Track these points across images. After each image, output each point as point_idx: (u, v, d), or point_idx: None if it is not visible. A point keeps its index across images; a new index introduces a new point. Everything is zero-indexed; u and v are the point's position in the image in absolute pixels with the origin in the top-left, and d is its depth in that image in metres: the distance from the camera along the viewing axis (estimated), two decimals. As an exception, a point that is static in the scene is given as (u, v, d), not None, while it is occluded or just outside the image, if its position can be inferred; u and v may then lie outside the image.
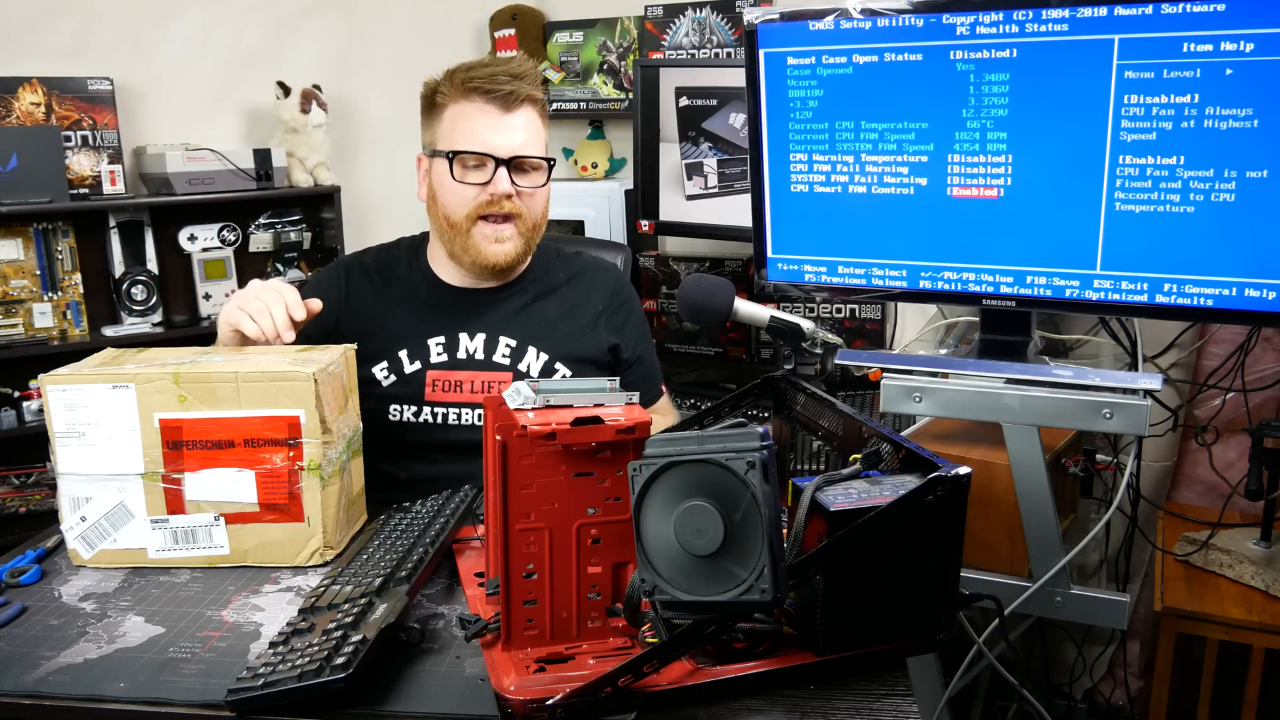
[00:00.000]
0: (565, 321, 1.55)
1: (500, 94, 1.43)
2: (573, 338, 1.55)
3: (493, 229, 1.46)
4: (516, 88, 1.44)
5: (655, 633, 0.92)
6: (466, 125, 1.44)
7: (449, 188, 1.46)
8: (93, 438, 1.13)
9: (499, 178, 1.43)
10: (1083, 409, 1.28)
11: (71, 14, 2.59)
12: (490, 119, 1.44)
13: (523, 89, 1.44)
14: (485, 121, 1.44)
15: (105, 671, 0.93)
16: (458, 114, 1.45)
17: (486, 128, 1.43)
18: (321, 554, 1.16)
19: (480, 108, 1.44)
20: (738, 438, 0.81)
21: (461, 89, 1.45)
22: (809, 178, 1.49)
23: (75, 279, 2.62)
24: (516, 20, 2.88)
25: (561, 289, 1.59)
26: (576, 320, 1.56)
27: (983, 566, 1.49)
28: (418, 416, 1.48)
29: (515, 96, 1.44)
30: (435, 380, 1.49)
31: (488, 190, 1.44)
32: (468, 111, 1.44)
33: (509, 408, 0.93)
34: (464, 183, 1.44)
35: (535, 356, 1.52)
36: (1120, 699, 2.24)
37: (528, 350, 1.52)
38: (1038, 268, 1.36)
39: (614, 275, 1.66)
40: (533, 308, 1.55)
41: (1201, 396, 1.99)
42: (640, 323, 1.65)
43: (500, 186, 1.43)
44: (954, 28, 1.32)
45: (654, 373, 1.66)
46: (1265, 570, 1.68)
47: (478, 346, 1.51)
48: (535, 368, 1.51)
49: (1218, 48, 1.19)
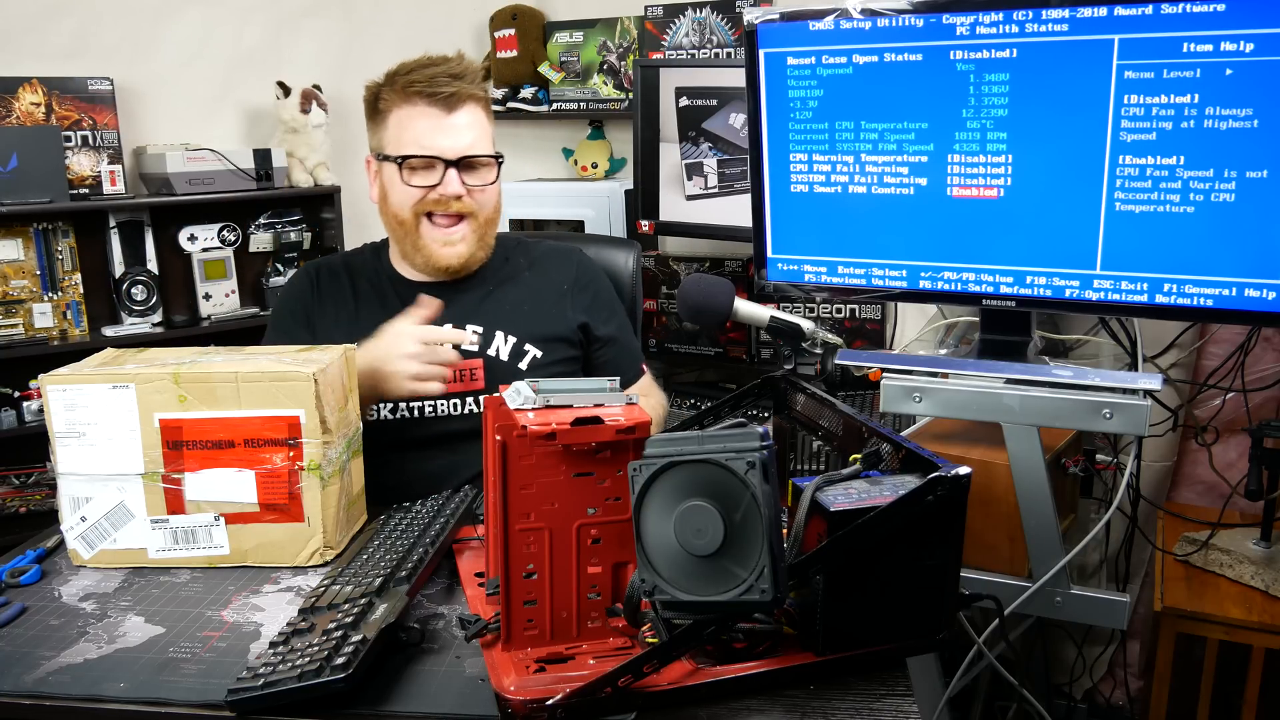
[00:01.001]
0: (530, 303, 1.57)
1: (442, 95, 1.44)
2: (539, 318, 1.55)
3: (443, 233, 1.49)
4: (458, 88, 1.45)
5: (655, 633, 0.92)
6: (412, 129, 1.46)
7: (399, 190, 1.48)
8: (93, 438, 1.13)
9: (449, 179, 1.45)
10: (1083, 409, 1.28)
11: (71, 14, 2.59)
12: (435, 121, 1.45)
13: (464, 89, 1.46)
14: (430, 124, 1.45)
15: (105, 671, 0.93)
16: (402, 118, 1.46)
17: (432, 130, 1.45)
18: (321, 554, 1.16)
19: (423, 111, 1.45)
20: (738, 438, 0.81)
21: (403, 93, 1.46)
22: (809, 178, 1.49)
23: (75, 279, 2.62)
24: (516, 20, 2.88)
25: (524, 274, 1.61)
26: (541, 301, 1.58)
27: (983, 566, 1.49)
28: (395, 413, 1.48)
29: (457, 97, 1.45)
30: None
31: (437, 191, 1.46)
32: (411, 115, 1.46)
33: (509, 408, 0.93)
34: (412, 185, 1.46)
35: (504, 340, 1.53)
36: (1120, 699, 2.24)
37: (495, 335, 1.52)
38: (1038, 268, 1.36)
39: (575, 257, 1.66)
40: (495, 294, 1.57)
41: (1201, 396, 1.99)
42: (610, 301, 1.65)
43: (450, 188, 1.46)
44: (954, 28, 1.32)
45: (632, 351, 1.67)
46: (1265, 570, 1.68)
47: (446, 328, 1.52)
48: (504, 351, 1.52)
49: (1218, 48, 1.19)
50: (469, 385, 1.49)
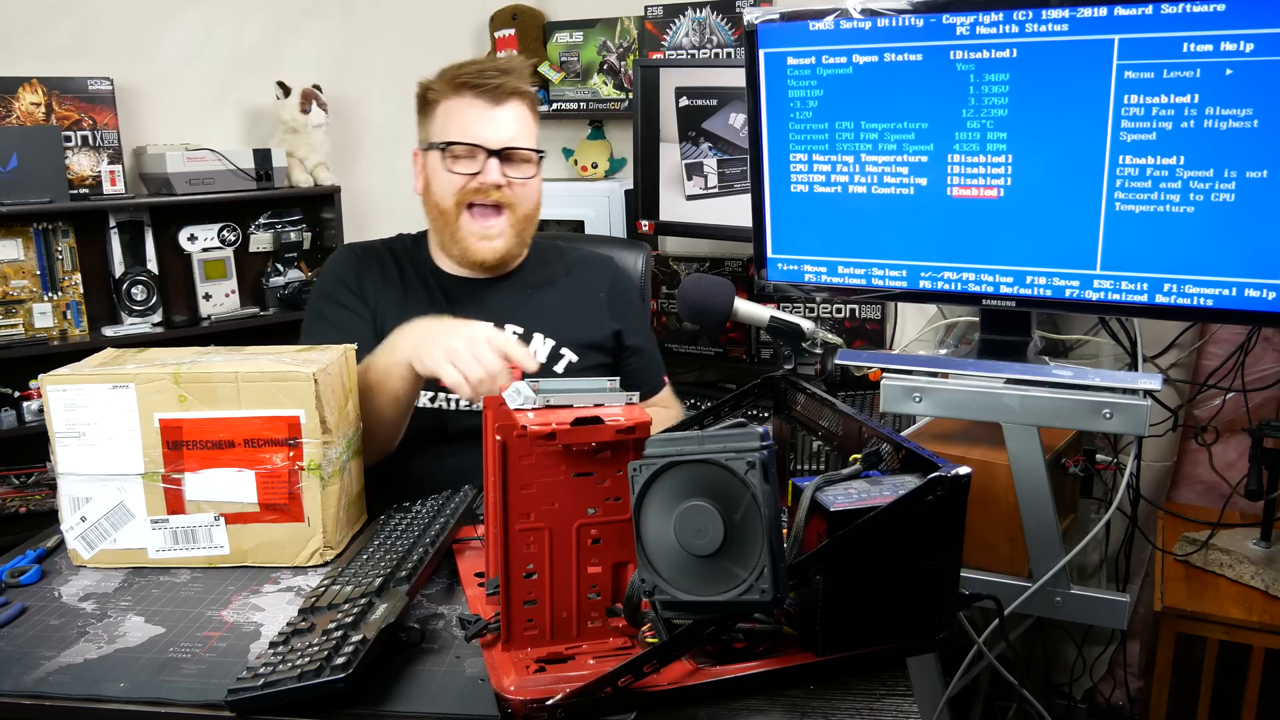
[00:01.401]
0: (568, 309, 1.58)
1: (489, 88, 1.48)
2: (576, 324, 1.58)
3: (481, 225, 1.50)
4: (504, 81, 1.48)
5: (655, 633, 0.92)
6: (458, 119, 1.49)
7: (440, 177, 1.50)
8: (93, 438, 1.13)
9: (489, 167, 1.48)
10: (1083, 409, 1.28)
11: (71, 14, 2.59)
12: (480, 112, 1.48)
13: (510, 82, 1.49)
14: (475, 115, 1.48)
15: (105, 671, 0.93)
16: (449, 109, 1.50)
17: (476, 120, 1.48)
18: (321, 554, 1.16)
19: (470, 102, 1.49)
20: (738, 438, 0.81)
21: (452, 85, 1.50)
22: (809, 178, 1.49)
23: (75, 279, 2.62)
24: (516, 20, 2.88)
25: (561, 279, 1.63)
26: (579, 308, 1.60)
27: (983, 566, 1.49)
28: (433, 401, 1.50)
29: (503, 90, 1.48)
30: None
31: (478, 179, 1.48)
32: (459, 106, 1.49)
33: (509, 408, 0.93)
34: (454, 172, 1.49)
35: (541, 342, 1.54)
36: (1120, 699, 2.24)
37: (534, 337, 1.54)
38: (1038, 268, 1.36)
39: (612, 266, 1.69)
40: (534, 296, 1.59)
41: (1201, 396, 1.99)
42: (641, 312, 1.68)
43: (490, 176, 1.48)
44: (954, 28, 1.32)
45: (656, 363, 1.69)
46: (1265, 570, 1.68)
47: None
48: (542, 353, 1.53)
49: (1218, 48, 1.19)
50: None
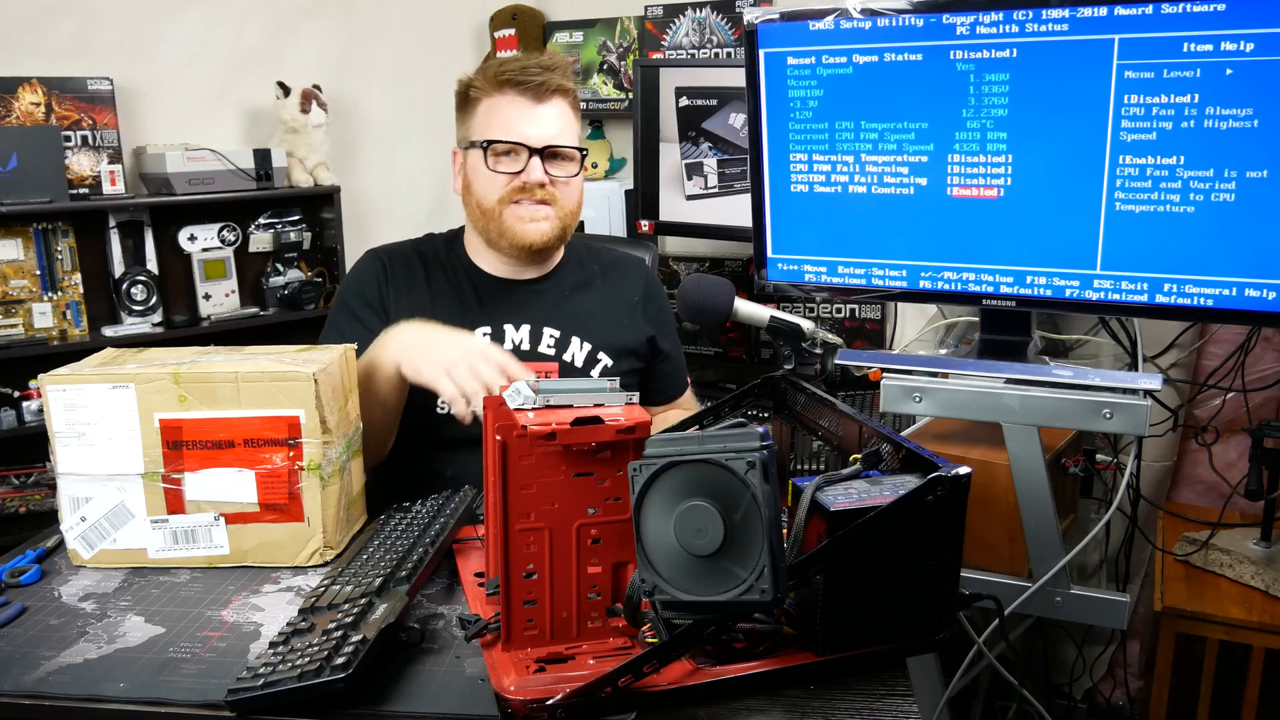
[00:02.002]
0: (604, 313, 1.58)
1: (532, 85, 1.45)
2: (613, 328, 1.57)
3: (527, 210, 1.48)
4: (548, 78, 1.46)
5: (655, 633, 0.92)
6: (500, 116, 1.47)
7: (483, 176, 1.48)
8: (93, 438, 1.13)
9: (532, 166, 1.46)
10: (1083, 409, 1.28)
11: (71, 14, 2.59)
12: (522, 110, 1.46)
13: (554, 79, 1.47)
14: (518, 112, 1.46)
15: (105, 671, 0.93)
16: (492, 106, 1.48)
17: (519, 118, 1.46)
18: (321, 554, 1.16)
19: (512, 99, 1.46)
20: (738, 438, 0.81)
21: (494, 82, 1.47)
22: (809, 178, 1.49)
23: (75, 279, 2.62)
24: (516, 20, 2.88)
25: (596, 281, 1.62)
26: (615, 312, 1.59)
27: (983, 566, 1.49)
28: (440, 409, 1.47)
29: (546, 87, 1.46)
30: None
31: (521, 178, 1.46)
32: (501, 103, 1.47)
33: (509, 408, 0.93)
34: (497, 171, 1.47)
35: (579, 347, 1.53)
36: (1120, 699, 2.24)
37: (571, 340, 1.53)
38: (1038, 268, 1.36)
39: (645, 269, 1.69)
40: (572, 299, 1.57)
41: (1201, 396, 1.99)
42: (670, 316, 1.68)
43: (533, 175, 1.46)
44: (954, 28, 1.32)
45: (682, 366, 1.70)
46: (1265, 570, 1.68)
47: (523, 337, 1.52)
48: (579, 358, 1.53)
49: (1218, 48, 1.19)
50: None
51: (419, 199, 3.07)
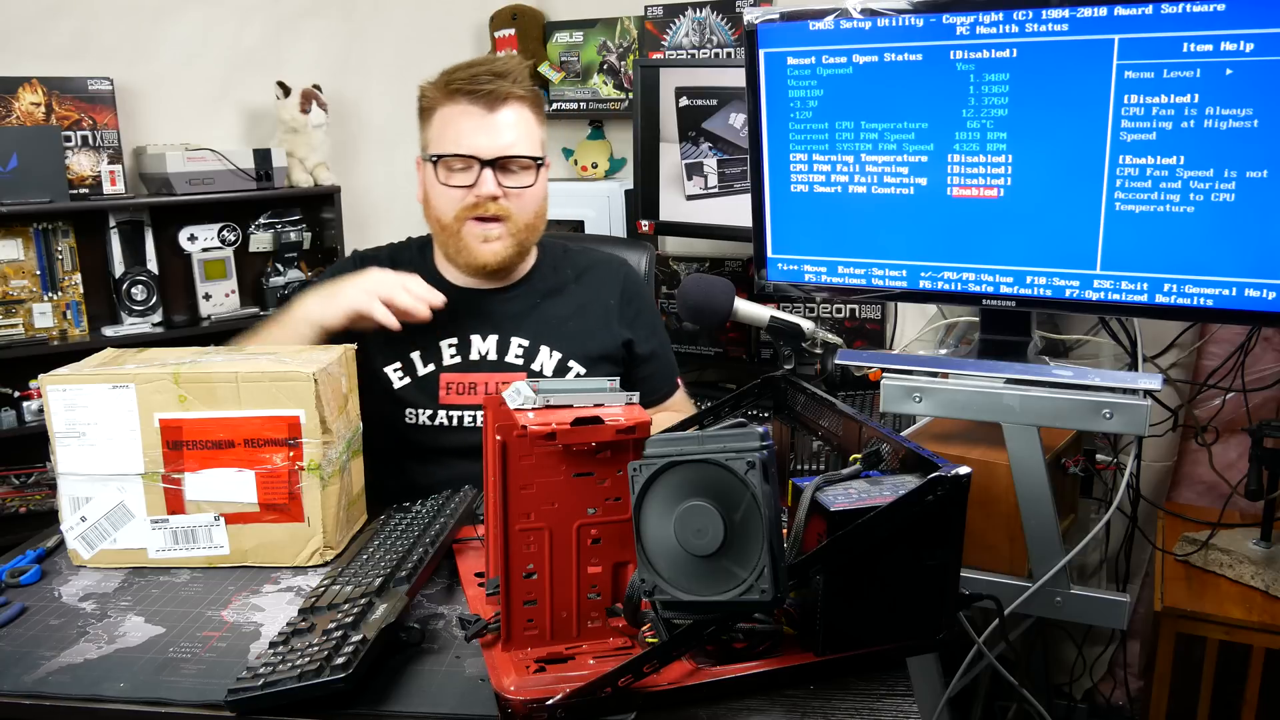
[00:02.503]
0: (576, 319, 1.54)
1: (483, 93, 1.42)
2: (585, 335, 1.54)
3: (481, 228, 1.46)
4: (498, 86, 1.42)
5: (655, 633, 0.92)
6: (453, 128, 1.44)
7: (437, 191, 1.46)
8: (93, 438, 1.13)
9: (484, 179, 1.42)
10: (1083, 409, 1.28)
11: (71, 14, 2.59)
12: (475, 121, 1.43)
13: (504, 87, 1.43)
14: (471, 124, 1.43)
15: (105, 671, 0.93)
16: (445, 117, 1.45)
17: (471, 129, 1.43)
18: (321, 554, 1.16)
19: (464, 109, 1.43)
20: (738, 438, 0.81)
21: (445, 91, 1.44)
22: (809, 178, 1.49)
23: (75, 279, 2.62)
24: (516, 20, 2.88)
25: (570, 286, 1.58)
26: (588, 318, 1.55)
27: (983, 566, 1.49)
28: (433, 420, 1.48)
29: (498, 95, 1.42)
30: (449, 383, 1.48)
31: (473, 193, 1.43)
32: (453, 114, 1.44)
33: (509, 408, 0.93)
34: (449, 185, 1.44)
35: (548, 356, 1.51)
36: (1120, 699, 2.24)
37: (540, 350, 1.51)
38: (1038, 268, 1.36)
39: (623, 270, 1.64)
40: (542, 306, 1.54)
41: (1201, 396, 1.99)
42: (653, 316, 1.64)
43: (485, 188, 1.43)
44: (954, 28, 1.32)
45: (668, 367, 1.64)
46: (1265, 570, 1.68)
47: (490, 348, 1.50)
48: (549, 367, 1.51)
49: (1218, 48, 1.19)
50: None
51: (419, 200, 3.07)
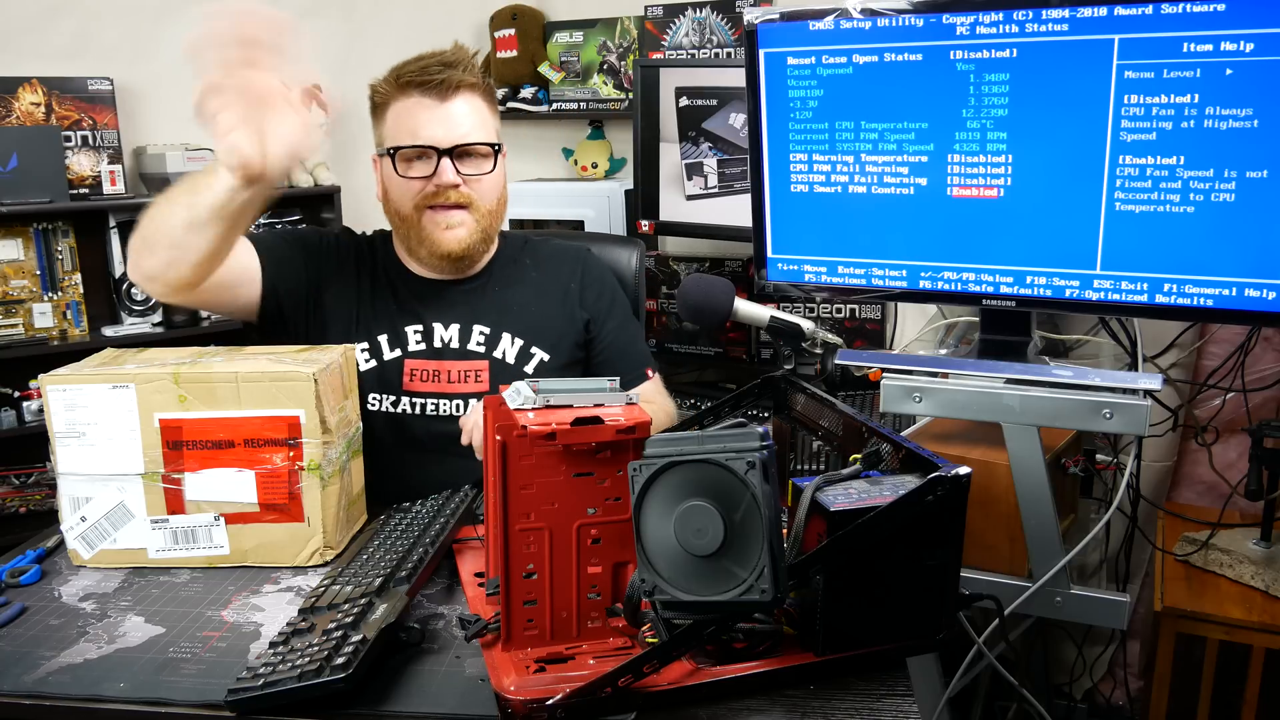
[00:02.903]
0: (536, 304, 1.55)
1: (434, 84, 1.42)
2: (545, 320, 1.54)
3: (443, 215, 1.46)
4: (449, 75, 1.43)
5: (655, 633, 0.92)
6: (408, 121, 1.44)
7: (395, 183, 1.46)
8: (93, 438, 1.13)
9: (443, 169, 1.43)
10: (1083, 409, 1.28)
11: (71, 14, 2.59)
12: (429, 112, 1.43)
13: (455, 76, 1.43)
14: (425, 116, 1.43)
15: (105, 671, 0.93)
16: (399, 111, 1.45)
17: (426, 121, 1.43)
18: (321, 554, 1.16)
19: (417, 101, 1.43)
20: (738, 438, 0.81)
21: (397, 85, 1.45)
22: (809, 178, 1.49)
23: (75, 279, 2.62)
24: (516, 20, 2.88)
25: (530, 274, 1.59)
26: (548, 302, 1.56)
27: (983, 566, 1.49)
28: (395, 406, 1.47)
29: (449, 84, 1.43)
30: (413, 370, 1.48)
31: (433, 182, 1.44)
32: (407, 107, 1.44)
33: (509, 408, 0.93)
34: (408, 177, 1.45)
35: (510, 342, 1.51)
36: (1120, 699, 2.24)
37: (501, 337, 1.51)
38: (1038, 268, 1.36)
39: (583, 255, 1.64)
40: (502, 294, 1.55)
41: (1201, 396, 1.99)
42: (615, 301, 1.62)
43: (445, 177, 1.43)
44: (954, 28, 1.32)
45: (634, 353, 1.62)
46: (1265, 570, 1.68)
47: (452, 336, 1.51)
48: (511, 354, 1.51)
49: (1218, 48, 1.19)
50: (474, 387, 1.48)
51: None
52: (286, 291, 1.47)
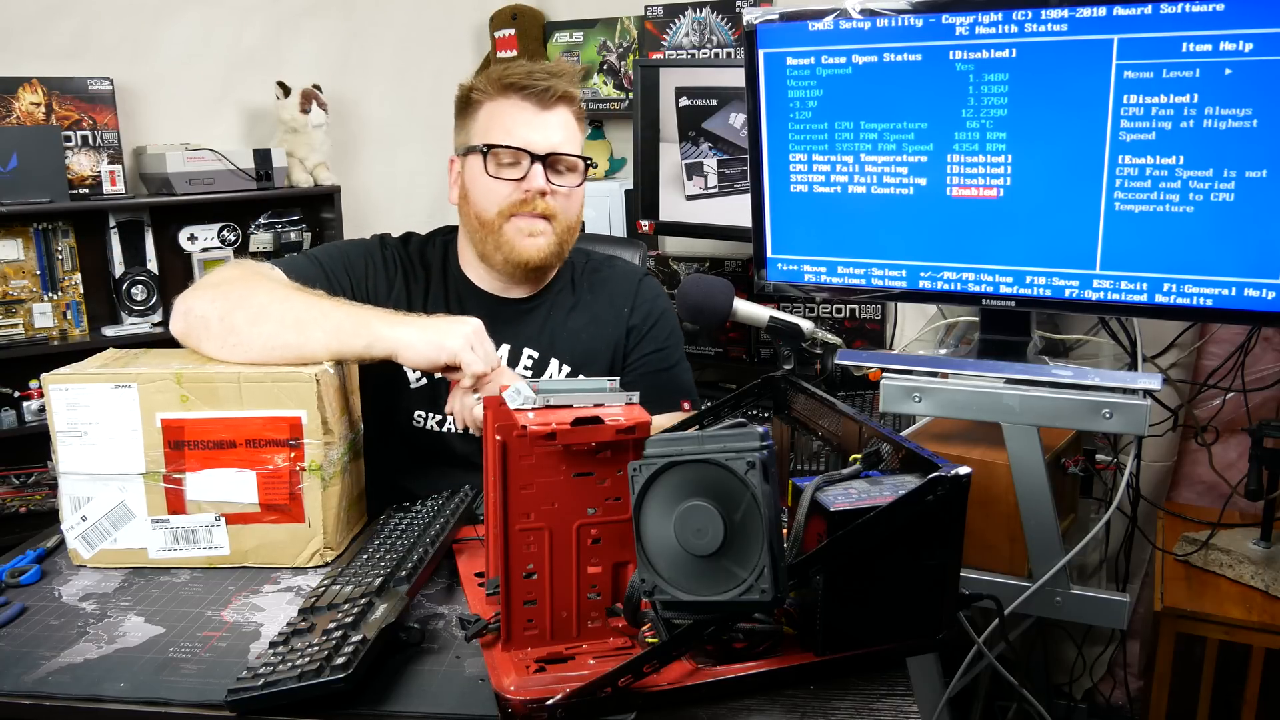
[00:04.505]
0: (588, 330, 1.52)
1: (537, 89, 1.40)
2: (596, 346, 1.51)
3: (527, 223, 1.42)
4: (553, 84, 1.41)
5: (655, 633, 0.93)
6: (503, 121, 1.41)
7: (482, 184, 1.42)
8: (94, 437, 1.13)
9: (534, 174, 1.40)
10: (1083, 409, 1.28)
11: (71, 14, 2.59)
12: (527, 115, 1.41)
13: (559, 85, 1.42)
14: (522, 118, 1.41)
15: (105, 671, 0.93)
16: (494, 110, 1.42)
17: (523, 124, 1.41)
18: (322, 555, 1.16)
19: (517, 104, 1.41)
20: (738, 438, 0.81)
21: (498, 86, 1.42)
22: (809, 178, 1.49)
23: (75, 279, 2.62)
24: (516, 20, 2.88)
25: (585, 297, 1.55)
26: (599, 328, 1.53)
27: (983, 566, 1.49)
28: (441, 425, 1.45)
29: (552, 93, 1.41)
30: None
31: (522, 187, 1.40)
32: (504, 108, 1.42)
33: (509, 408, 0.93)
34: (498, 178, 1.41)
35: (558, 369, 1.49)
36: (1120, 699, 2.24)
37: (550, 363, 1.49)
38: (1037, 268, 1.36)
39: (636, 283, 1.59)
40: (556, 319, 1.51)
41: (1201, 396, 1.99)
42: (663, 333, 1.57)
43: (535, 182, 1.40)
44: (953, 28, 1.32)
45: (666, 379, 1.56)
46: (1265, 570, 1.68)
47: (501, 357, 1.46)
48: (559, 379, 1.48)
49: (1217, 48, 1.19)
50: None
51: (419, 199, 3.07)
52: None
